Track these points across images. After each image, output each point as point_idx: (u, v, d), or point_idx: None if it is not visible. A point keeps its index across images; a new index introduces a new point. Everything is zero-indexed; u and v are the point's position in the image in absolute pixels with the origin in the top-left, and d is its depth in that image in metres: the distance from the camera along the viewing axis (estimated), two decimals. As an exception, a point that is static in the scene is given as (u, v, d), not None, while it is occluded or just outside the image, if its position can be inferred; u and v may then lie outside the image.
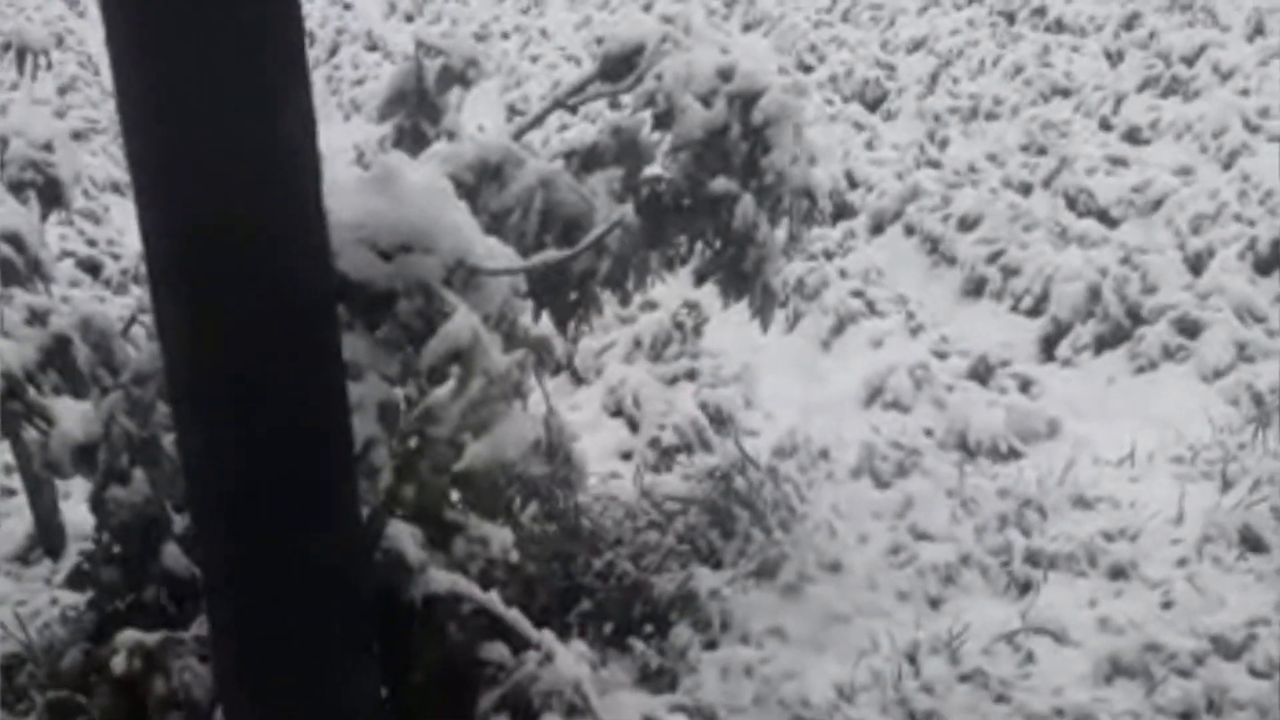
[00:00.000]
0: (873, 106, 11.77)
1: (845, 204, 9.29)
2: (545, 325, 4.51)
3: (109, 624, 3.48)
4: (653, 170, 4.93)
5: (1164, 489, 5.64)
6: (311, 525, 2.20)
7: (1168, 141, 10.45)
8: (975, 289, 8.12)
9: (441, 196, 3.35)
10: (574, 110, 5.35)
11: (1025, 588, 4.92)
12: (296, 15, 2.05)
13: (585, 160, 4.79)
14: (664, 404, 6.15)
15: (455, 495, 3.91)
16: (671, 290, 6.17)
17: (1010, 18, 13.88)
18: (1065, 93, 11.66)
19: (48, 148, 4.62)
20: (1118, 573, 5.03)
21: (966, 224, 8.70)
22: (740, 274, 4.97)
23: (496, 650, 3.83)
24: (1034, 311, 7.71)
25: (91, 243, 9.96)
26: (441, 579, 3.60)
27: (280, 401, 2.07)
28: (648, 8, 14.60)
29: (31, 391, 3.73)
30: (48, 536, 5.17)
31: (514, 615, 3.79)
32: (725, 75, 4.87)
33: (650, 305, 6.95)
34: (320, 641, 2.30)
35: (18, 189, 4.52)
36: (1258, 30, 12.72)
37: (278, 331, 2.02)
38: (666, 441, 5.80)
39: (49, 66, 7.05)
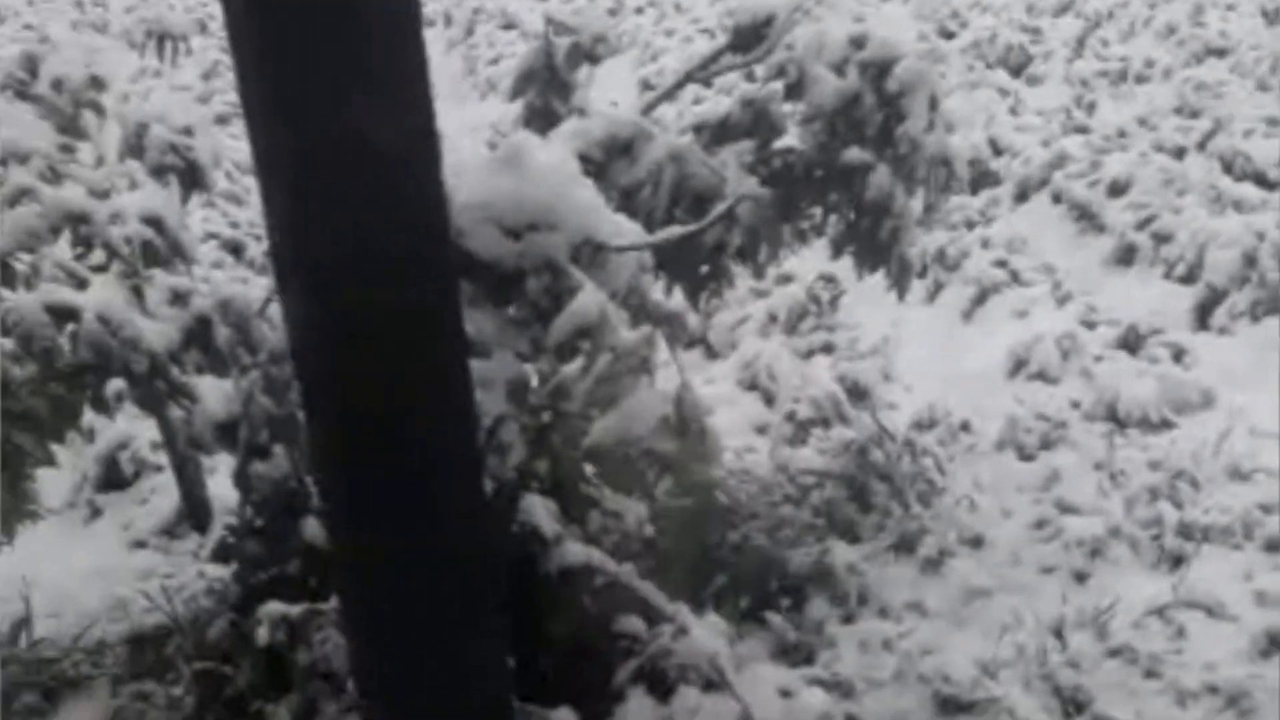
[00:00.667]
0: (1017, 72, 11.51)
1: (988, 172, 9.09)
2: (678, 300, 4.51)
3: (253, 596, 3.57)
4: (785, 142, 4.89)
5: (1324, 459, 5.44)
6: (435, 499, 2.22)
7: (1329, 100, 10.05)
8: (1125, 256, 7.89)
9: (568, 174, 3.37)
10: (708, 84, 5.34)
11: (1177, 561, 4.78)
12: (415, 5, 2.06)
13: (716, 133, 4.77)
14: (799, 378, 6.10)
15: (589, 470, 3.94)
16: (806, 263, 6.13)
17: (1163, -22, 13.47)
18: (1220, 53, 11.26)
19: (188, 132, 4.75)
20: (1275, 546, 4.86)
21: (1116, 189, 8.45)
22: (875, 245, 4.91)
23: (631, 623, 3.85)
24: (1187, 279, 7.47)
25: (234, 224, 10.21)
26: (577, 551, 3.63)
27: (402, 382, 2.10)
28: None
29: (175, 371, 3.85)
30: (194, 511, 5.34)
31: (648, 588, 3.80)
32: (858, 44, 4.81)
33: (785, 278, 6.91)
34: (448, 613, 2.34)
35: (159, 173, 4.65)
36: None
37: (397, 312, 2.05)
38: (802, 415, 5.75)
39: (189, 52, 7.23)
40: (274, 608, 3.45)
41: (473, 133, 9.34)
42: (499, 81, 12.69)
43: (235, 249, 9.74)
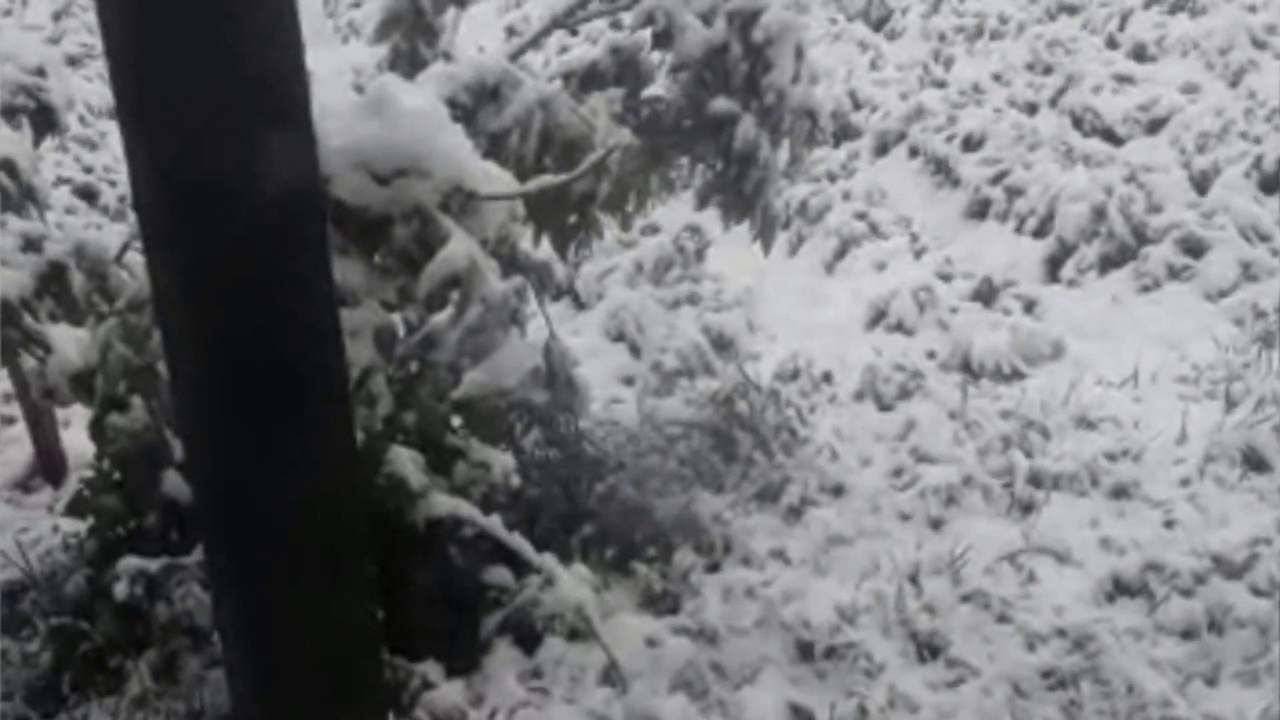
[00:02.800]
0: (877, 26, 11.62)
1: (849, 125, 9.19)
2: (545, 250, 4.48)
3: (110, 551, 3.49)
4: (653, 91, 4.87)
5: (1167, 409, 5.63)
6: (303, 450, 2.18)
7: (1174, 59, 10.32)
8: (980, 210, 8.05)
9: (437, 120, 3.31)
10: (574, 31, 5.29)
11: (1028, 508, 4.92)
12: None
13: (584, 81, 4.73)
14: (666, 328, 6.13)
15: (456, 421, 3.92)
16: (673, 214, 6.14)
17: (1016, -67, 13.69)
18: (1071, 10, 11.50)
19: (40, 73, 4.56)
20: (1120, 493, 5.03)
21: (971, 144, 8.61)
22: (741, 196, 4.93)
23: (499, 574, 3.85)
24: (1039, 232, 7.65)
25: (88, 169, 9.89)
26: (443, 503, 3.61)
27: (269, 326, 2.05)
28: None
29: (28, 319, 3.71)
30: (48, 464, 5.18)
31: (516, 539, 3.80)
32: (725, -9, 4.80)
33: (652, 229, 6.91)
34: (317, 567, 2.30)
35: (9, 115, 4.47)
36: (1267, -56, 12.55)
37: (266, 258, 1.99)
38: (668, 366, 5.78)
39: (41, -9, 6.96)
40: (132, 562, 3.38)
41: (335, 77, 9.12)
42: (362, 25, 12.41)
43: (89, 194, 9.42)
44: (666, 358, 5.80)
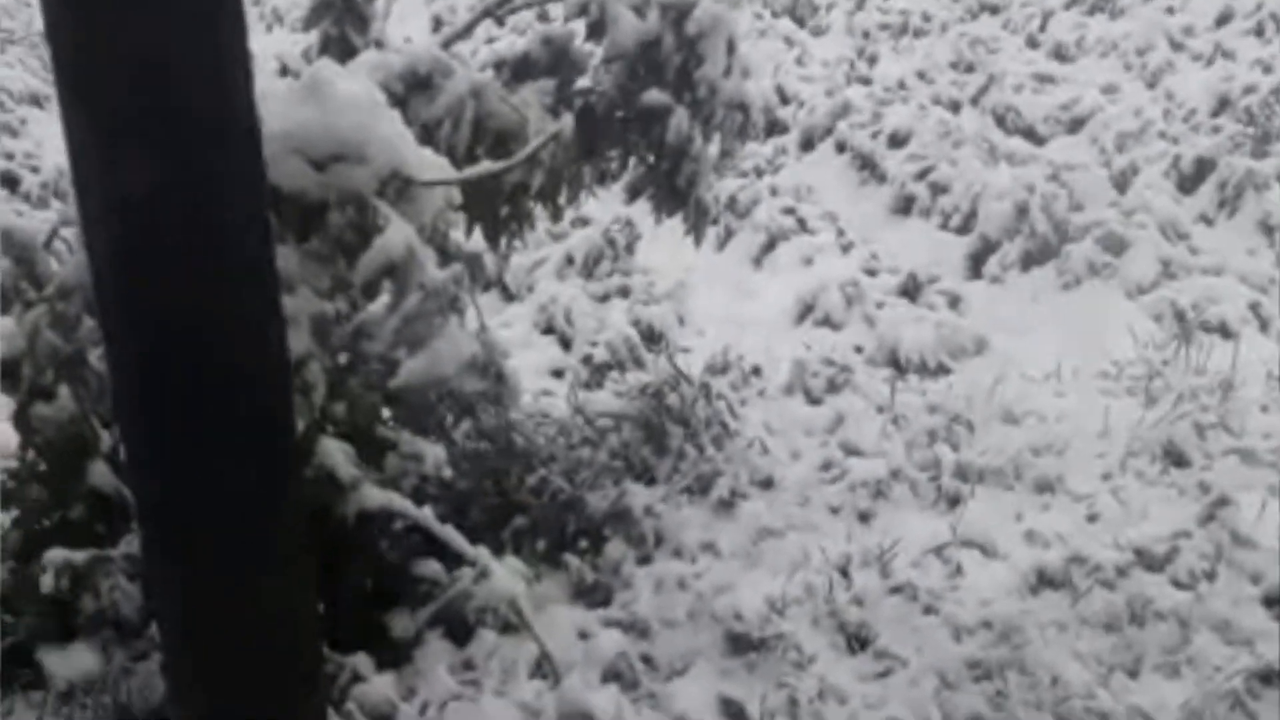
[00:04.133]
0: (803, 22, 11.69)
1: (776, 121, 9.24)
2: (476, 240, 4.45)
3: (36, 542, 3.42)
4: (585, 82, 4.86)
5: (1089, 404, 5.72)
6: (244, 440, 2.14)
7: (1093, 59, 10.51)
8: (905, 206, 8.13)
9: (374, 106, 3.28)
10: (500, 21, 5.26)
11: (954, 502, 4.98)
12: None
13: (516, 71, 4.71)
14: (596, 321, 6.12)
15: (388, 412, 3.88)
16: (604, 206, 6.13)
17: (940, -67, 13.83)
18: (993, 9, 11.67)
19: (-42, 55, 4.45)
20: (1044, 486, 5.10)
21: (896, 140, 8.69)
22: (673, 189, 4.93)
23: (430, 566, 3.82)
24: (963, 229, 7.74)
25: (9, 156, 9.69)
26: (374, 495, 3.57)
27: (211, 314, 2.01)
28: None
29: (-50, 306, 3.62)
30: (-32, 455, 5.05)
31: (448, 531, 3.77)
32: (659, -15, 4.80)
33: (582, 221, 6.90)
34: (253, 558, 2.26)
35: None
36: (1184, -51, 12.79)
37: (211, 242, 1.95)
38: (599, 358, 5.78)
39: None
40: (58, 554, 3.31)
41: (262, 65, 9.01)
42: (287, 13, 12.25)
43: (10, 181, 9.23)
44: (597, 350, 5.80)
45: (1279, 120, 8.75)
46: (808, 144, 8.99)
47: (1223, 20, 10.94)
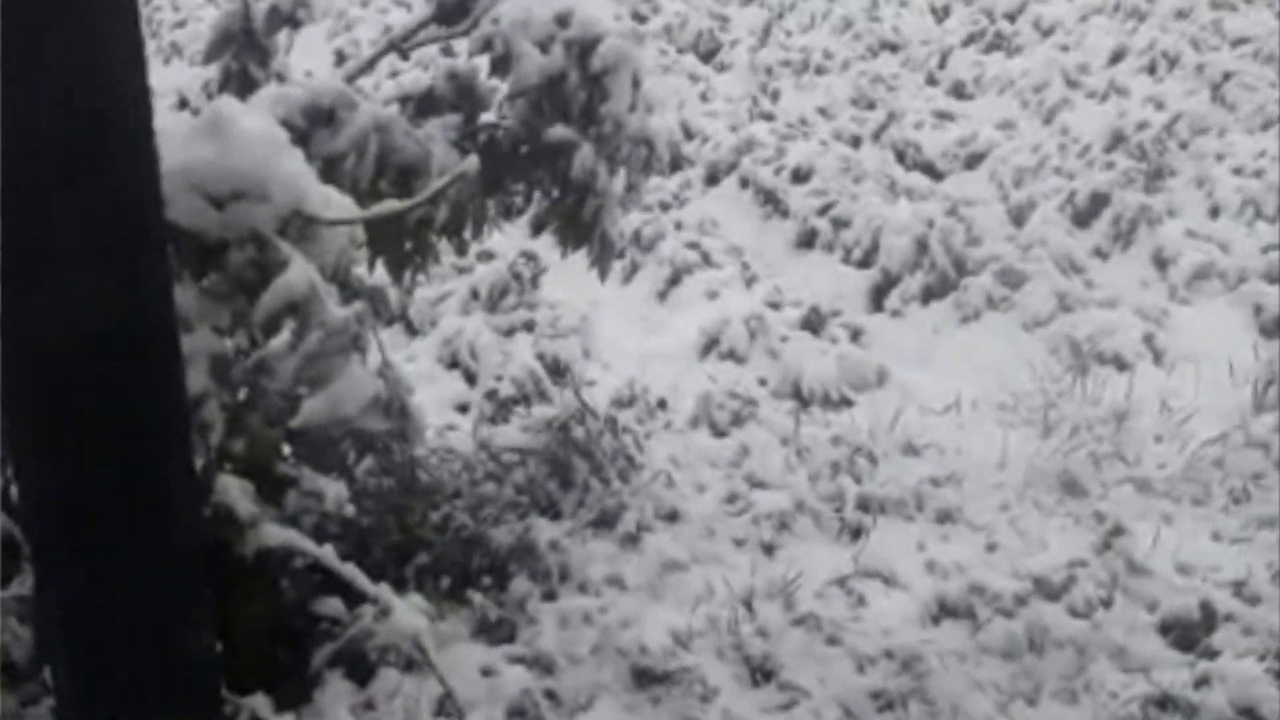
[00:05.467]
0: (707, 58, 11.78)
1: (681, 156, 9.30)
2: (380, 275, 4.43)
3: (-81, 586, 3.33)
4: (490, 117, 4.86)
5: (988, 435, 5.82)
6: (141, 481, 2.12)
7: (991, 96, 10.71)
8: (808, 240, 8.21)
9: (277, 143, 3.26)
10: (405, 56, 5.24)
11: (857, 533, 5.04)
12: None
13: (421, 105, 4.69)
14: (501, 355, 6.10)
15: (288, 449, 3.84)
16: (509, 240, 6.12)
17: (840, -28, 14.05)
18: (893, 48, 11.85)
19: None
20: (944, 517, 5.19)
21: (799, 176, 8.77)
22: (579, 223, 4.94)
23: (331, 605, 3.78)
24: (864, 263, 7.83)
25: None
26: (274, 534, 3.54)
27: (109, 352, 1.99)
28: (479, -48, 14.33)
29: None
30: None
31: (349, 569, 3.74)
32: (563, 21, 4.82)
33: (487, 255, 6.88)
34: (150, 597, 2.23)
35: None
36: (1077, -13, 13.11)
37: (110, 278, 1.93)
38: (504, 393, 5.76)
39: None
40: (-57, 597, 3.23)
41: (160, 99, 8.89)
42: (185, 46, 12.09)
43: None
44: (502, 385, 5.78)
45: (1171, 156, 8.98)
46: (712, 179, 9.05)
47: (1116, 58, 11.22)
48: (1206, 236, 7.89)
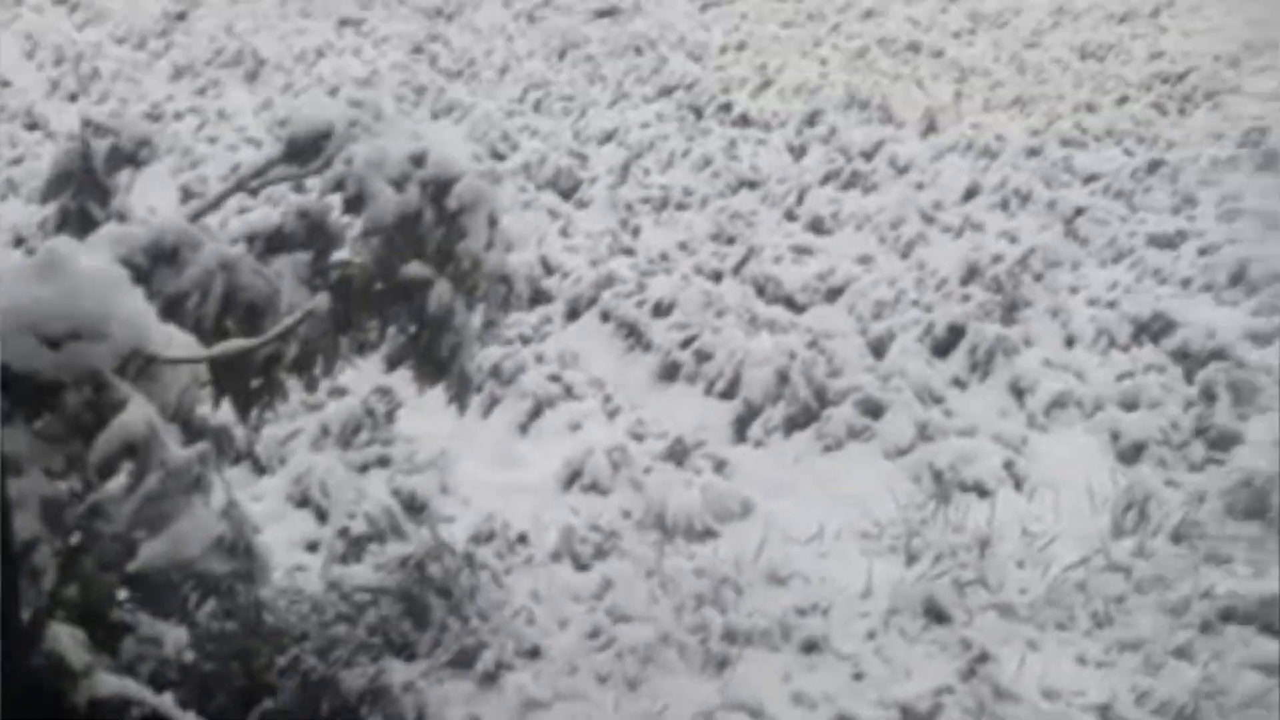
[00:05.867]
0: (567, 194, 11.91)
1: (542, 290, 9.33)
2: (226, 412, 4.33)
3: None
4: (343, 254, 4.83)
5: (852, 564, 5.84)
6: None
7: (849, 232, 10.96)
8: (670, 373, 8.25)
9: (114, 283, 3.19)
10: (253, 192, 5.20)
11: (722, 664, 4.99)
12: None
13: (270, 243, 4.64)
14: (355, 492, 5.98)
15: (125, 594, 3.70)
16: (363, 375, 6.05)
17: (698, 112, 14.37)
18: (752, 185, 12.09)
19: None
20: (810, 646, 5.16)
21: (660, 310, 8.85)
22: (436, 359, 4.90)
23: (171, 756, 3.61)
24: (727, 394, 7.89)
25: None
26: (109, 682, 3.38)
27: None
28: (333, 92, 14.39)
29: None
30: None
31: (189, 718, 3.59)
32: (418, 161, 4.83)
33: (340, 391, 6.79)
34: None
35: None
36: (930, 128, 13.58)
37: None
38: (357, 530, 5.63)
39: None
40: None
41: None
42: (22, 183, 11.85)
43: None
44: (355, 522, 5.65)
45: (1026, 288, 9.24)
46: (573, 313, 9.09)
47: (970, 195, 11.61)
48: (1063, 366, 8.13)
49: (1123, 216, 10.98)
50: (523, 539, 5.99)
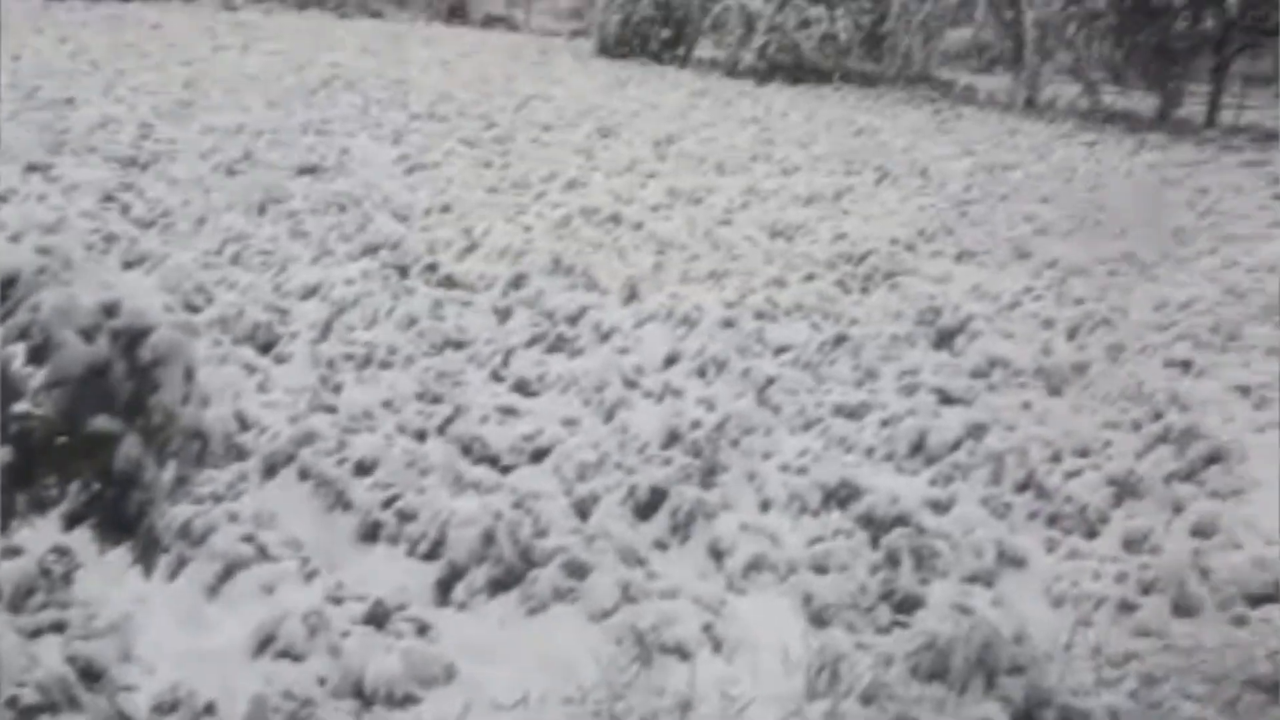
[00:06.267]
0: (265, 349, 11.59)
1: (237, 446, 8.99)
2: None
3: None
4: (25, 405, 4.55)
5: (557, 729, 5.75)
6: None
7: (554, 394, 11.06)
8: (372, 533, 8.05)
9: None
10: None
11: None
12: None
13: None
14: (26, 659, 5.53)
15: None
16: (39, 534, 5.65)
17: (404, 271, 14.32)
18: (458, 345, 12.09)
19: None
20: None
21: (363, 469, 8.68)
22: (122, 518, 4.65)
23: None
24: (430, 555, 7.74)
25: None
26: None
27: None
28: (16, 238, 13.70)
29: None
30: None
31: None
32: (110, 311, 4.65)
33: (13, 551, 6.32)
34: None
35: None
36: (632, 296, 13.94)
37: None
38: (27, 700, 5.19)
39: None
40: None
41: None
42: None
43: None
44: (25, 692, 5.22)
45: (724, 453, 9.50)
46: (271, 471, 8.76)
47: (670, 362, 11.93)
48: (759, 529, 8.35)
49: (810, 387, 11.49)
50: (210, 709, 5.67)
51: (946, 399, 11.28)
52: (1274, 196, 24.93)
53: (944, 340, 13.27)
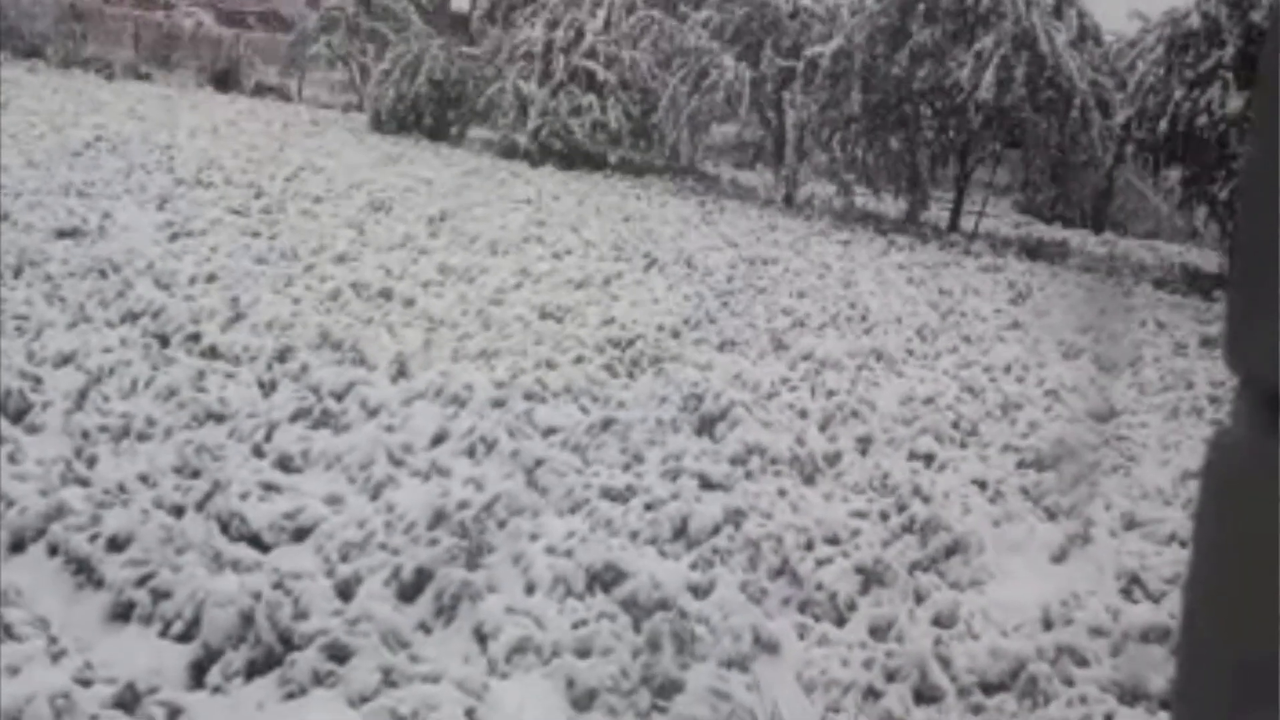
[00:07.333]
0: (16, 418, 11.12)
1: (-17, 519, 8.59)
2: None
3: None
4: None
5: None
6: None
7: (319, 471, 10.89)
8: (124, 612, 7.77)
9: None
10: None
11: None
12: None
13: None
14: None
15: None
16: None
17: (164, 340, 13.94)
18: (219, 418, 11.81)
19: None
20: None
21: (116, 544, 8.38)
22: None
23: None
24: (185, 636, 7.52)
25: None
26: None
27: None
28: None
29: None
30: None
31: None
32: None
33: None
34: None
35: None
36: (401, 373, 13.87)
37: None
38: None
39: None
40: None
41: None
42: None
43: None
44: None
45: (491, 534, 9.51)
46: (18, 545, 8.39)
47: (438, 440, 11.88)
48: (524, 612, 8.37)
49: (578, 469, 11.60)
50: (-52, 799, 5.38)
51: (707, 484, 11.54)
52: (1009, 301, 26.48)
53: (706, 427, 13.58)
